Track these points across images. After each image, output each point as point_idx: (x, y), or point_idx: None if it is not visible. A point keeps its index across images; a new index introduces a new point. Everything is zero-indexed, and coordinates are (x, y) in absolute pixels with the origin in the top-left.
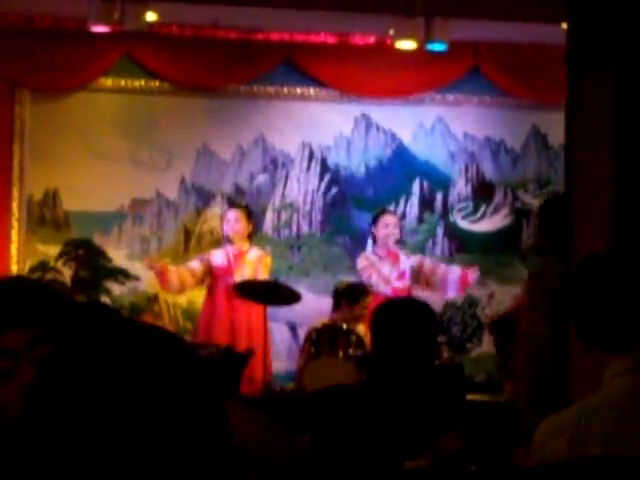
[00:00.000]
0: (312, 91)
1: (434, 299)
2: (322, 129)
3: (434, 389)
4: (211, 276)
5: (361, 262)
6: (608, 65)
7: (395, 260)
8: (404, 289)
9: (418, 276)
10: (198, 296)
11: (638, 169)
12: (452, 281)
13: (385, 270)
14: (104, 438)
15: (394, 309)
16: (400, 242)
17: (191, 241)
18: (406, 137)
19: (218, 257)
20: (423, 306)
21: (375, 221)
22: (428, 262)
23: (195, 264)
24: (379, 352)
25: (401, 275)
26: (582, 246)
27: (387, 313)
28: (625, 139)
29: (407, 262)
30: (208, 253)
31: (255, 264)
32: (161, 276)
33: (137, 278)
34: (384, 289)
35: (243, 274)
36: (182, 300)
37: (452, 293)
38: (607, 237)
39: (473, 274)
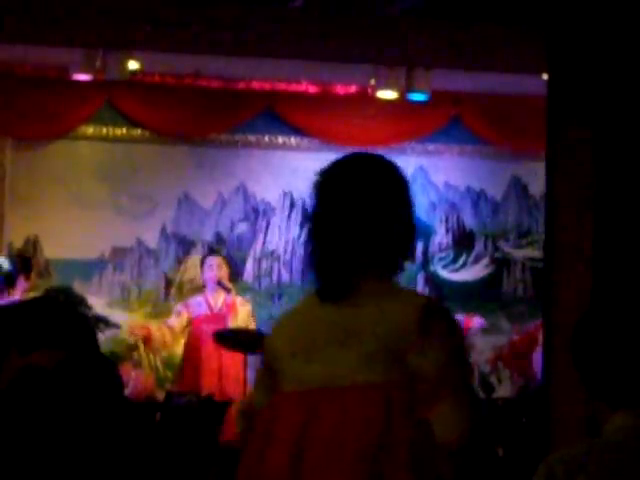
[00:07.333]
0: (293, 140)
1: None
2: (303, 178)
3: None
4: (192, 324)
5: None
6: (588, 116)
7: None
8: None
9: None
10: (178, 344)
11: (618, 218)
12: None
13: None
14: None
15: None
16: None
17: (171, 289)
18: None
19: (199, 305)
20: None
21: None
22: None
23: (173, 320)
24: None
25: None
26: (564, 296)
27: None
28: (605, 188)
29: None
30: (186, 304)
31: (246, 314)
32: (147, 341)
33: (117, 326)
34: None
35: (235, 321)
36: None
37: None
38: (588, 287)
39: (476, 321)
